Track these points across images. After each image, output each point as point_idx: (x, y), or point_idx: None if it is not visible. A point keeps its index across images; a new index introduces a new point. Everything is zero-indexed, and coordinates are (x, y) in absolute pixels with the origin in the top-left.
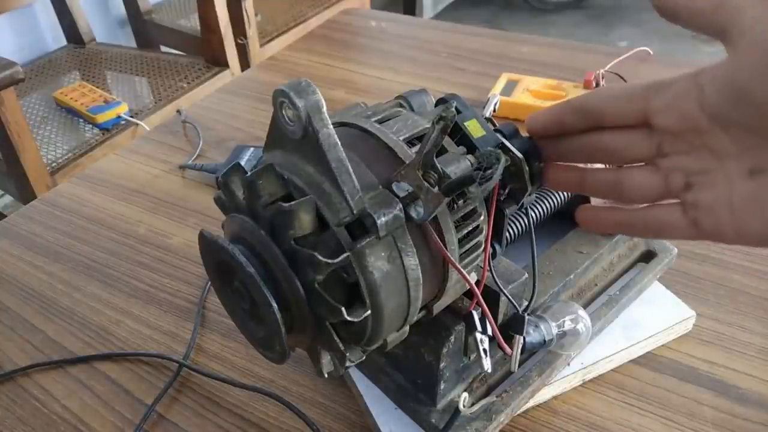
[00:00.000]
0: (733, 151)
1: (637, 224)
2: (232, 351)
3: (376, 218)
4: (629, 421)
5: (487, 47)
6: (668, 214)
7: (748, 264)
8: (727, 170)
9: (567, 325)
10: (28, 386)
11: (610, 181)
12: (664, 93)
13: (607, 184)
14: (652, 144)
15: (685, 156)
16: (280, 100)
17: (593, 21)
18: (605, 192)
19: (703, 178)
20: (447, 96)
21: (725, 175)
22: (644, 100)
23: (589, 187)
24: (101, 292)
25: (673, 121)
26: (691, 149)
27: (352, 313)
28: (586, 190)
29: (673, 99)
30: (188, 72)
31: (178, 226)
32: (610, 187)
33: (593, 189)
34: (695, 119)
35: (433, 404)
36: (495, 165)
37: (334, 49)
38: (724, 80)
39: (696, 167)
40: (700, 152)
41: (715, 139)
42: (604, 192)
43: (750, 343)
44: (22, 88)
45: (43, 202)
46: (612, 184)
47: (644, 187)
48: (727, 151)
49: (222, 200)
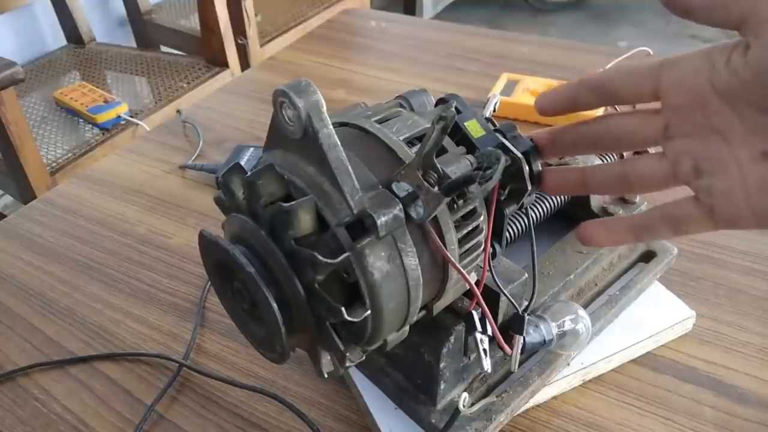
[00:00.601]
0: (743, 133)
1: (653, 224)
2: (232, 351)
3: (376, 218)
4: (629, 421)
5: (487, 47)
6: (682, 207)
7: (748, 264)
8: (736, 154)
9: (567, 325)
10: (28, 386)
11: (616, 175)
12: (675, 69)
13: (613, 178)
14: (660, 125)
15: (692, 139)
16: (280, 100)
17: (593, 21)
18: (612, 187)
19: (712, 163)
20: (447, 96)
21: (735, 159)
22: (656, 76)
23: (594, 185)
24: (101, 292)
25: (681, 98)
26: (698, 131)
27: (352, 313)
28: (590, 190)
29: (684, 75)
30: (188, 72)
31: (178, 226)
32: (616, 180)
33: (598, 186)
34: (704, 97)
35: (433, 404)
36: (495, 165)
37: (334, 49)
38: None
39: (704, 151)
40: (708, 135)
41: (724, 119)
42: (611, 187)
43: (749, 343)
44: (22, 88)
45: (43, 202)
46: (618, 177)
47: (652, 175)
48: (735, 134)
49: (222, 200)
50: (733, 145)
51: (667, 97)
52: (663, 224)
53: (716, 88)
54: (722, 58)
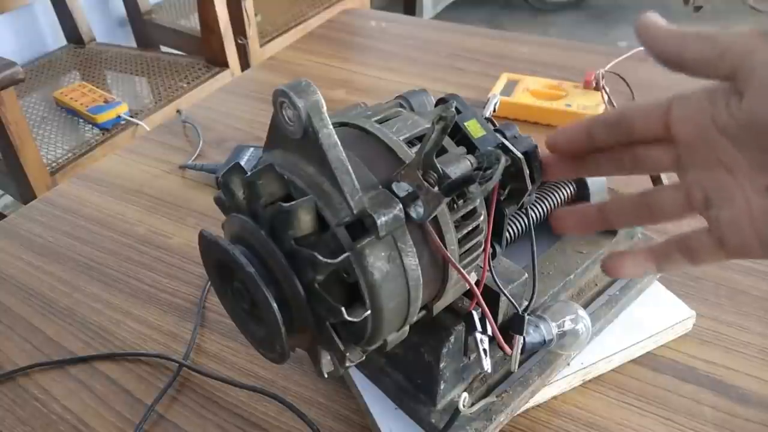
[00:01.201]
0: (746, 167)
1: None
2: (232, 351)
3: (376, 218)
4: (629, 421)
5: (487, 47)
6: (696, 237)
7: (748, 264)
8: (742, 186)
9: (567, 325)
10: (28, 386)
11: (635, 206)
12: (682, 105)
13: (633, 210)
14: (674, 155)
15: (702, 171)
16: (280, 100)
17: (593, 21)
18: (632, 218)
19: (720, 195)
20: (447, 96)
21: (741, 190)
22: (667, 111)
23: (614, 219)
24: (101, 292)
25: (689, 133)
26: (707, 164)
27: (352, 313)
28: (610, 224)
29: (690, 112)
30: (188, 72)
31: (178, 226)
32: (636, 212)
33: (618, 220)
34: (709, 132)
35: (433, 404)
36: (495, 165)
37: (334, 49)
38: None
39: (712, 183)
40: (715, 167)
41: (728, 154)
42: (631, 218)
43: (750, 343)
44: (22, 88)
45: (43, 202)
46: (637, 209)
47: (669, 204)
48: (740, 168)
49: (222, 200)
50: (739, 178)
51: (676, 131)
52: (680, 253)
53: (718, 126)
54: (723, 101)
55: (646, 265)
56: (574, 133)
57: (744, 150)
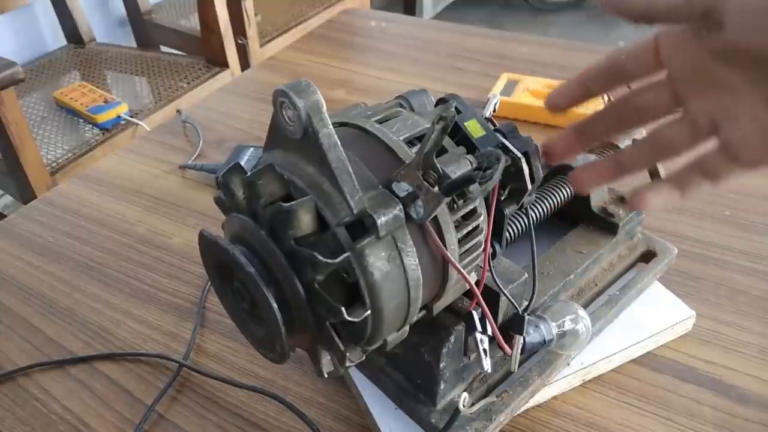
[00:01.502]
0: (743, 84)
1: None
2: (232, 351)
3: (376, 218)
4: (629, 421)
5: (487, 47)
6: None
7: (748, 264)
8: (744, 103)
9: (567, 325)
10: (28, 386)
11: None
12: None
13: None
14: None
15: (702, 98)
16: (280, 100)
17: (593, 21)
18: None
19: (725, 115)
20: (447, 96)
21: (744, 107)
22: (655, 46)
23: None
24: (101, 292)
25: (680, 63)
26: (705, 90)
27: (352, 313)
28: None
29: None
30: (188, 72)
31: (178, 226)
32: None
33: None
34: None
35: (433, 404)
36: (495, 165)
37: (334, 49)
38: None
39: (715, 106)
40: (714, 92)
41: (723, 76)
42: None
43: (749, 343)
44: (22, 88)
45: (43, 202)
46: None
47: (678, 138)
48: (737, 86)
49: (222, 200)
50: (739, 96)
51: (668, 63)
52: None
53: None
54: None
55: (670, 193)
56: (570, 88)
57: (736, 69)
